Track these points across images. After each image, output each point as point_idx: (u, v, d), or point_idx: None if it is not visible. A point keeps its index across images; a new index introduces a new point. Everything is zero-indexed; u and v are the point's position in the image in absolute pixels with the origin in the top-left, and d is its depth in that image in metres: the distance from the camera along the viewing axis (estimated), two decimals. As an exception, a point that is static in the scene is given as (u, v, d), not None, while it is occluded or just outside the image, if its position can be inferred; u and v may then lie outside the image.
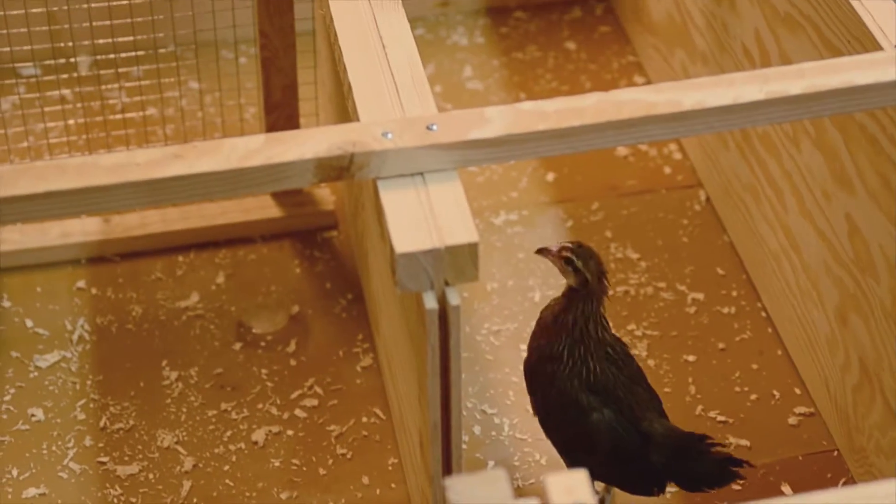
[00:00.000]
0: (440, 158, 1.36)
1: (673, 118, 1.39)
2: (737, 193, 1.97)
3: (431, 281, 1.30)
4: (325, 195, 2.08)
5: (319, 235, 2.06)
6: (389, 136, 1.36)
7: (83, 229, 2.00)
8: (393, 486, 1.75)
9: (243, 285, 1.99)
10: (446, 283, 1.31)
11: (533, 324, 1.61)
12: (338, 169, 1.35)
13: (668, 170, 2.14)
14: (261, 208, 2.06)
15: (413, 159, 1.35)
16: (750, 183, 1.92)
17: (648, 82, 2.26)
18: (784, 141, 1.80)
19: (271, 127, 2.03)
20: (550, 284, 1.96)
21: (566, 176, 2.13)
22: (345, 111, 1.74)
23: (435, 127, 1.37)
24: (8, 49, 2.03)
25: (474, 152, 1.37)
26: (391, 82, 1.46)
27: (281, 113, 2.02)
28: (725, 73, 1.95)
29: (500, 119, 1.38)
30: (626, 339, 1.87)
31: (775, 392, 1.85)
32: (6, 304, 1.95)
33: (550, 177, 2.13)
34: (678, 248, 2.03)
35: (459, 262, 1.30)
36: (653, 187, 2.12)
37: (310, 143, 1.36)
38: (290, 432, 1.81)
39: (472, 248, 1.30)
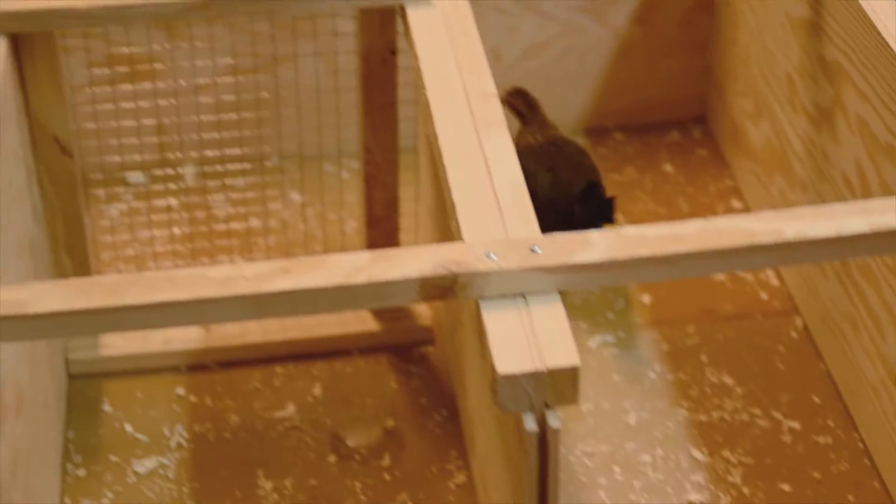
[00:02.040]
0: (543, 281, 1.38)
1: (774, 248, 1.40)
2: (834, 322, 1.97)
3: (532, 403, 1.31)
4: (423, 310, 2.10)
5: (416, 350, 2.08)
6: (493, 256, 1.38)
7: (184, 337, 2.04)
8: None
9: (339, 398, 2.00)
10: (546, 406, 1.32)
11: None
12: (441, 288, 1.37)
13: (764, 295, 2.14)
14: (358, 321, 2.08)
15: (516, 281, 1.37)
16: (848, 312, 1.92)
17: (746, 207, 2.27)
18: (884, 271, 1.80)
19: (371, 241, 2.06)
20: (646, 407, 1.96)
21: (662, 299, 2.14)
22: (445, 228, 1.76)
23: (538, 249, 1.39)
24: (119, 158, 2.08)
25: (577, 276, 1.39)
26: (494, 203, 1.48)
27: (381, 228, 2.05)
28: (825, 201, 1.96)
29: (603, 243, 1.40)
30: (720, 466, 1.87)
31: (871, 524, 1.83)
32: (107, 408, 1.98)
33: (647, 299, 2.14)
34: (774, 375, 2.02)
35: (560, 384, 1.31)
36: (749, 313, 2.12)
37: (414, 261, 1.38)
38: (381, 546, 1.82)
39: (573, 372, 1.31)
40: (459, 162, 1.53)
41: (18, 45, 1.75)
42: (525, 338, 1.33)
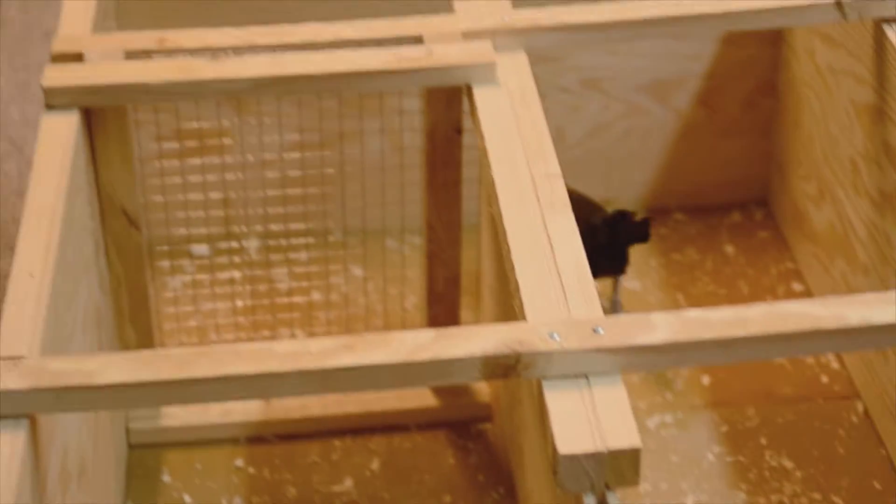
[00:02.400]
0: (605, 362, 1.38)
1: (838, 334, 1.40)
2: (896, 407, 1.96)
3: (592, 484, 1.31)
4: (482, 387, 2.10)
5: (474, 427, 2.08)
6: (556, 337, 1.39)
7: (244, 409, 2.05)
8: None
9: (397, 473, 2.01)
10: (606, 487, 1.32)
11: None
12: (504, 367, 1.38)
13: (825, 379, 2.14)
14: (417, 397, 2.09)
15: (579, 361, 1.38)
16: (910, 397, 1.91)
17: (807, 290, 2.27)
18: (947, 357, 1.79)
19: (432, 318, 2.07)
20: (704, 489, 1.95)
21: (722, 380, 2.14)
22: (507, 307, 1.77)
23: (601, 330, 1.40)
24: (184, 231, 2.11)
25: (639, 357, 1.39)
26: (558, 283, 1.49)
27: (442, 305, 2.06)
28: (887, 286, 1.95)
29: (666, 326, 1.40)
30: (779, 550, 1.86)
31: None
32: (166, 478, 1.99)
33: (706, 380, 2.13)
34: (834, 460, 2.01)
35: (621, 466, 1.31)
36: (809, 396, 2.11)
37: (477, 340, 1.39)
38: None
39: (634, 454, 1.31)
40: (523, 241, 1.54)
41: (90, 118, 1.78)
42: (587, 418, 1.33)
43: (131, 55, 1.80)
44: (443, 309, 2.07)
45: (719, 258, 2.36)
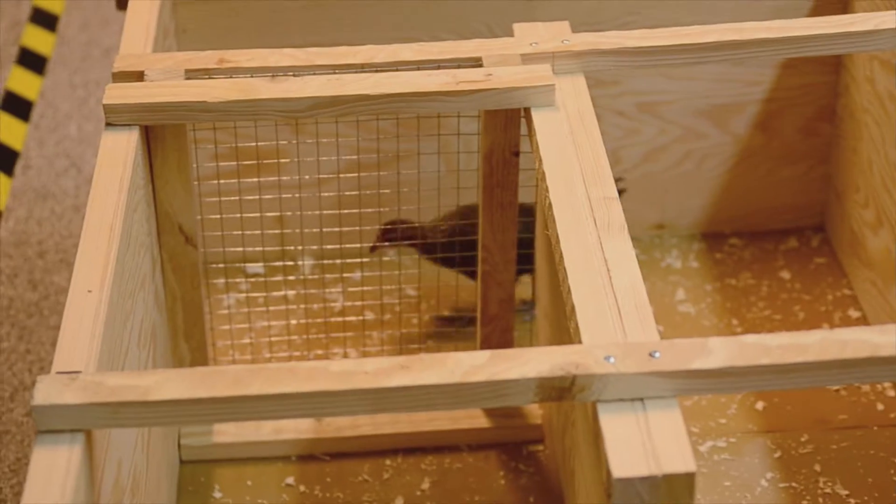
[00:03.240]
0: (661, 386, 1.38)
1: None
2: (952, 437, 1.94)
3: (647, 508, 1.30)
4: (533, 409, 2.10)
5: (525, 448, 2.08)
6: (612, 360, 1.38)
7: (296, 427, 2.05)
8: None
9: (448, 493, 2.01)
10: (660, 511, 1.31)
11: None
12: (559, 390, 1.38)
13: (880, 406, 2.12)
14: (468, 418, 2.09)
15: (634, 385, 1.37)
16: (967, 427, 1.89)
17: (863, 317, 2.26)
18: None
19: (486, 339, 2.07)
20: (757, 516, 1.95)
21: (776, 405, 2.12)
22: (561, 329, 1.77)
23: (657, 354, 1.39)
24: (240, 249, 2.12)
25: (695, 382, 1.39)
26: (615, 307, 1.49)
27: (496, 325, 2.06)
28: (946, 314, 1.94)
29: (723, 350, 1.40)
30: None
31: None
32: (217, 494, 2.00)
33: (760, 405, 2.12)
34: (889, 488, 1.99)
35: (675, 490, 1.31)
36: (864, 423, 2.10)
37: (532, 362, 1.39)
38: None
39: (689, 478, 1.30)
40: (580, 264, 1.54)
41: (149, 135, 1.79)
42: (641, 442, 1.33)
43: (191, 74, 1.81)
44: (496, 330, 2.07)
45: (775, 284, 2.35)
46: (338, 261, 2.19)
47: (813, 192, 2.40)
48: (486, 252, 1.99)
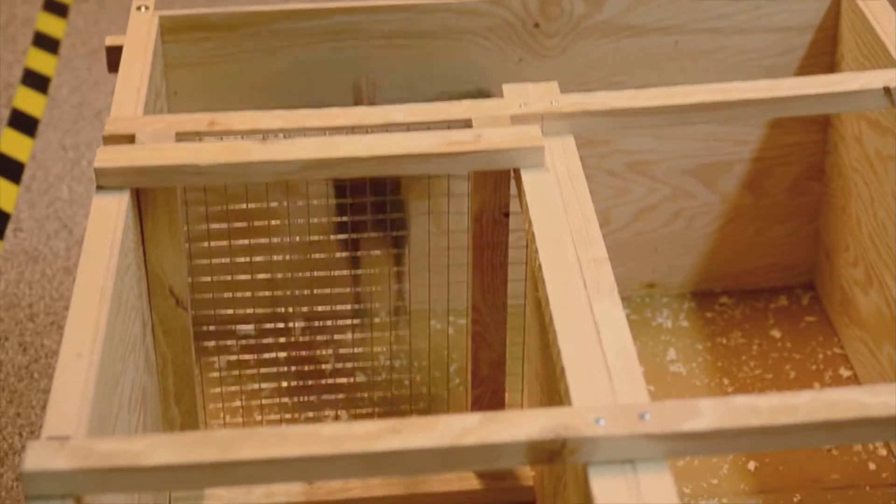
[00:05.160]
0: (651, 448, 1.38)
1: (887, 423, 1.39)
2: (945, 496, 1.94)
3: (639, 572, 1.30)
4: (525, 470, 2.09)
5: (516, 510, 2.07)
6: (602, 422, 1.38)
7: (287, 490, 2.04)
8: None
9: (440, 556, 2.00)
10: (653, 575, 1.31)
11: None
12: (549, 452, 1.38)
13: (872, 466, 2.12)
14: (460, 479, 2.08)
15: (624, 447, 1.37)
16: (959, 486, 1.89)
17: (854, 376, 2.26)
18: None
19: (477, 400, 2.07)
20: (750, 577, 1.94)
21: (768, 465, 2.12)
22: (552, 391, 1.77)
23: (647, 416, 1.39)
24: (231, 311, 2.11)
25: (686, 444, 1.38)
26: (604, 368, 1.49)
27: (487, 387, 2.06)
28: (936, 373, 1.94)
29: (713, 412, 1.40)
30: None
31: None
32: (208, 559, 1.99)
33: (752, 465, 2.12)
34: (882, 548, 1.99)
35: (667, 554, 1.30)
36: (856, 483, 2.09)
37: (523, 424, 1.39)
38: None
39: (680, 541, 1.30)
40: (570, 326, 1.54)
41: (140, 197, 1.79)
42: (633, 505, 1.33)
43: (182, 137, 1.82)
44: (487, 391, 2.06)
45: (766, 342, 2.35)
46: (329, 322, 2.19)
47: (802, 250, 2.41)
48: (476, 313, 1.99)
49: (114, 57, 2.04)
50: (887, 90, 1.86)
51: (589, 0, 2.15)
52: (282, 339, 2.24)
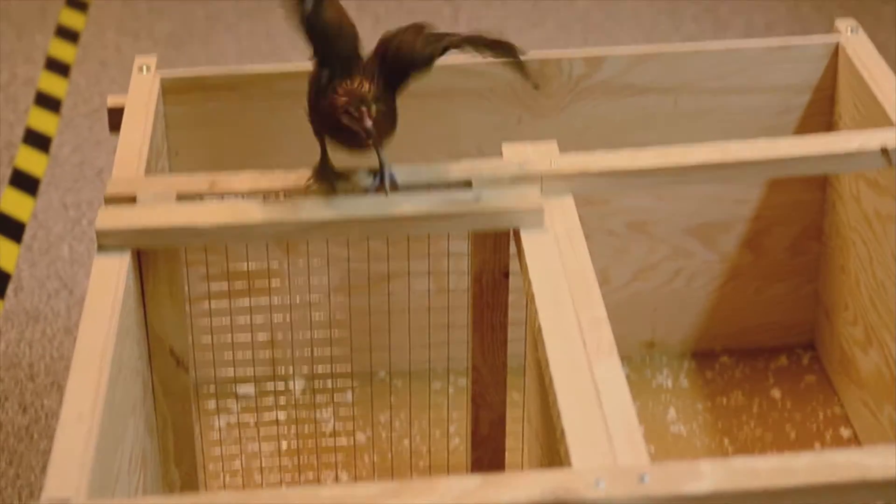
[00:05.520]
0: (652, 510, 1.38)
1: (887, 485, 1.39)
2: (947, 556, 1.93)
3: None
4: (526, 531, 2.09)
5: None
6: (602, 485, 1.38)
7: (287, 550, 2.04)
8: None
9: None
10: None
11: None
12: (550, 515, 1.38)
13: (874, 526, 2.11)
14: (461, 540, 2.08)
15: (625, 510, 1.37)
16: (961, 547, 1.88)
17: (854, 436, 2.25)
18: None
19: (477, 460, 2.06)
20: None
21: (769, 526, 2.11)
22: (553, 451, 1.77)
23: (647, 478, 1.39)
24: (231, 371, 2.12)
25: (686, 506, 1.39)
26: (604, 429, 1.49)
27: (487, 447, 2.06)
28: (937, 433, 1.94)
29: (713, 474, 1.40)
30: None
31: None
32: None
33: (753, 526, 2.11)
34: None
35: None
36: (858, 543, 2.09)
37: (523, 487, 1.39)
38: None
39: None
40: (570, 387, 1.54)
41: (142, 258, 1.80)
42: (634, 569, 1.33)
43: (183, 197, 1.82)
44: (487, 451, 2.06)
45: (766, 402, 2.35)
46: (329, 382, 2.19)
47: (802, 309, 2.41)
48: (476, 373, 1.99)
49: (115, 118, 2.05)
50: (885, 150, 1.87)
51: (588, 60, 2.17)
52: (282, 400, 2.24)
